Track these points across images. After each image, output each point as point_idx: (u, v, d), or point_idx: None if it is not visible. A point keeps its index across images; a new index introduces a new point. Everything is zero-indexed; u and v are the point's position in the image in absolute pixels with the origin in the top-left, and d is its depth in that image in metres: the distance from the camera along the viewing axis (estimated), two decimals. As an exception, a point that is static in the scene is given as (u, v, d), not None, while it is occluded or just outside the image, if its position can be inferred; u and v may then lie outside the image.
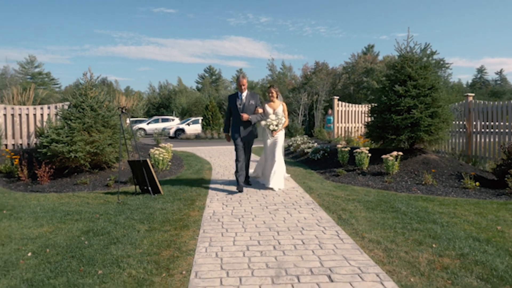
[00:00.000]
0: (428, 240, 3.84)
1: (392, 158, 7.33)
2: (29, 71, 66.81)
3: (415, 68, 8.27)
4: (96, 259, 3.40)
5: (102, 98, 8.34)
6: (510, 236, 3.96)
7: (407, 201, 5.55)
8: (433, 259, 3.35)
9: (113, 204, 5.56)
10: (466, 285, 2.83)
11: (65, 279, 2.99)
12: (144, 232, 4.18)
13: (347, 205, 5.29)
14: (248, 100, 6.30)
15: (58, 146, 7.28)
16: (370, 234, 4.04)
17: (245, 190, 6.30)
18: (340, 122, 14.88)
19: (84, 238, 4.00)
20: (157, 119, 31.74)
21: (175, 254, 3.51)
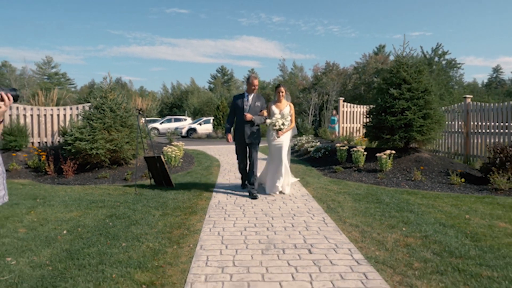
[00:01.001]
0: (400, 225, 4.47)
1: (386, 156, 7.93)
2: (46, 72, 68.41)
3: (409, 72, 8.84)
4: (119, 235, 4.14)
5: (120, 100, 9.14)
6: (474, 223, 4.56)
7: (393, 194, 6.17)
8: (400, 239, 3.99)
9: (131, 195, 6.31)
10: (420, 257, 3.46)
11: (96, 249, 3.73)
12: (158, 216, 4.91)
13: (337, 197, 5.94)
14: (255, 101, 6.08)
15: (82, 144, 8.09)
16: (351, 220, 4.69)
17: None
18: (345, 122, 15.46)
19: (108, 221, 4.75)
20: (170, 119, 32.69)
21: (184, 232, 4.23)
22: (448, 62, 49.47)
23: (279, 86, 6.32)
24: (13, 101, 2.37)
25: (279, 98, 6.27)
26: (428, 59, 50.82)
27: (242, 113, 6.01)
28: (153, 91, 65.70)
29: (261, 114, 6.13)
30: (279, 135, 6.04)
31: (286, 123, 6.02)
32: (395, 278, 3.06)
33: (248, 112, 5.99)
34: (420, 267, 3.25)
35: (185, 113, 44.27)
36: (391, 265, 3.31)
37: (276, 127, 5.99)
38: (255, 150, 6.14)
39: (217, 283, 2.96)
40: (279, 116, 6.06)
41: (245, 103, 6.06)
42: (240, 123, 6.05)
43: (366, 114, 9.60)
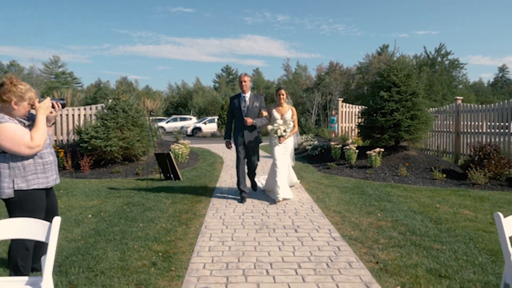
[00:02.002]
0: (376, 211, 5.19)
1: (375, 153, 8.63)
2: (53, 71, 69.23)
3: (399, 76, 9.52)
4: (137, 218, 4.90)
5: (131, 101, 9.92)
6: (441, 211, 5.27)
7: (377, 187, 6.88)
8: (373, 222, 4.71)
9: (143, 187, 7.07)
10: (387, 236, 4.18)
11: (118, 228, 4.48)
12: (169, 204, 5.66)
13: (326, 189, 6.67)
14: (252, 102, 5.75)
15: (97, 142, 8.88)
16: (335, 207, 5.41)
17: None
18: (343, 122, 16.14)
19: (125, 207, 5.51)
20: (175, 118, 33.50)
21: (191, 216, 4.98)
22: (451, 62, 49.86)
23: (279, 89, 6.06)
24: (62, 107, 3.14)
25: (280, 102, 5.99)
26: (431, 59, 51.28)
27: (240, 115, 5.70)
28: (158, 91, 66.65)
29: (261, 115, 5.82)
30: (281, 142, 5.82)
31: (288, 130, 5.77)
32: (362, 250, 3.78)
33: (246, 113, 5.69)
34: (384, 242, 3.97)
35: (190, 113, 45.10)
36: (361, 241, 4.03)
37: (278, 134, 5.75)
38: (256, 152, 5.94)
39: (218, 252, 3.71)
40: (281, 122, 5.79)
41: (242, 105, 5.73)
42: (239, 126, 5.74)
43: (359, 115, 10.29)
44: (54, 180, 3.00)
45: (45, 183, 2.87)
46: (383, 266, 3.36)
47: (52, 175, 2.95)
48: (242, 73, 5.85)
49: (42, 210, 2.84)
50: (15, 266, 2.78)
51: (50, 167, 2.93)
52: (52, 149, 3.07)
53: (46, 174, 2.88)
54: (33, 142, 2.70)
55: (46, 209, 2.92)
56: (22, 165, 2.75)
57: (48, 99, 2.92)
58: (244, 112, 5.72)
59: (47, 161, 2.89)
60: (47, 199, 2.99)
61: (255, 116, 5.76)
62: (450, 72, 50.20)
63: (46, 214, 2.88)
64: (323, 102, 35.40)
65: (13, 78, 2.85)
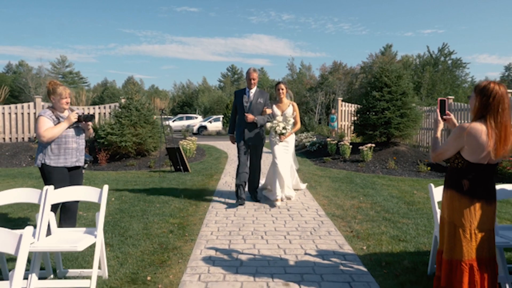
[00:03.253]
0: (359, 196, 6.00)
1: (367, 149, 9.41)
2: (60, 71, 70.25)
3: (391, 77, 10.30)
4: (153, 200, 5.74)
5: (143, 101, 10.78)
6: (417, 196, 6.06)
7: (365, 178, 7.68)
8: (355, 204, 5.52)
9: (156, 177, 7.93)
10: (364, 214, 4.99)
11: (139, 208, 5.33)
12: (180, 190, 6.51)
13: (319, 179, 7.48)
14: (257, 98, 5.45)
15: (113, 137, 9.75)
16: (325, 193, 6.23)
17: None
18: (342, 120, 16.90)
19: (143, 193, 6.36)
20: (181, 117, 34.40)
21: (200, 199, 5.82)
22: (453, 62, 50.28)
23: (279, 83, 5.71)
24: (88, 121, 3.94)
25: (279, 97, 5.68)
26: (434, 58, 51.73)
27: (243, 110, 5.44)
28: (165, 90, 67.61)
29: (264, 113, 5.50)
30: (282, 140, 5.50)
31: (288, 127, 5.44)
32: (341, 223, 4.59)
33: (249, 110, 5.40)
34: (361, 218, 4.78)
35: (196, 112, 46.01)
36: (342, 217, 4.84)
37: (277, 132, 5.42)
38: (258, 154, 5.62)
39: (223, 224, 4.54)
40: (281, 119, 5.46)
41: (245, 100, 5.45)
42: (241, 123, 5.47)
43: (354, 113, 11.08)
44: (74, 162, 3.86)
45: (63, 163, 3.77)
46: (355, 234, 4.17)
47: (71, 158, 3.82)
48: (250, 69, 5.49)
49: (61, 182, 3.68)
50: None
51: (71, 152, 3.79)
52: (80, 140, 3.90)
53: (66, 156, 3.78)
54: (43, 134, 3.61)
55: (72, 184, 3.73)
56: (50, 148, 3.73)
57: (74, 113, 3.77)
58: (246, 108, 5.41)
59: (69, 147, 3.77)
60: (70, 175, 3.85)
61: (258, 113, 5.43)
62: (453, 71, 50.61)
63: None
64: (327, 101, 36.07)
65: (53, 81, 3.81)
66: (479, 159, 2.41)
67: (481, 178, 2.47)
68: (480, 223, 2.46)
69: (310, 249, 3.74)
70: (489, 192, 2.50)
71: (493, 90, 2.39)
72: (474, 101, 2.49)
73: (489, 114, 2.39)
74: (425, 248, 3.75)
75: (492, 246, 2.50)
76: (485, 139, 2.35)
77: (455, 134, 2.46)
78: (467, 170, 2.47)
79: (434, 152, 2.60)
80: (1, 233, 1.98)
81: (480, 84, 2.47)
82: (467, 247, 2.46)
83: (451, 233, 2.53)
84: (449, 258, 2.50)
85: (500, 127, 2.37)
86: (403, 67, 48.42)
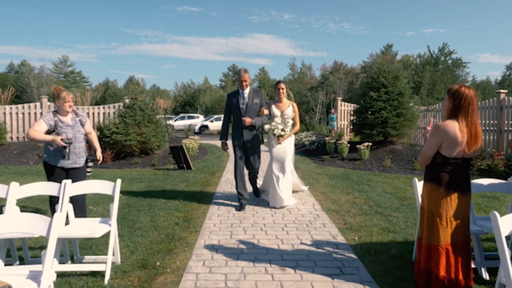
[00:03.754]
0: (355, 192, 6.30)
1: (364, 147, 9.71)
2: (62, 71, 70.39)
3: (388, 78, 10.58)
4: (159, 196, 6.05)
5: (147, 101, 11.09)
6: (409, 192, 6.35)
7: (361, 175, 7.98)
8: (350, 199, 5.82)
9: (160, 175, 8.24)
10: (358, 208, 5.29)
11: (145, 203, 5.64)
12: (183, 187, 6.81)
13: (317, 176, 7.78)
14: (252, 98, 5.24)
15: (118, 137, 10.07)
16: (322, 189, 6.52)
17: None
18: (342, 120, 17.19)
19: (148, 189, 6.67)
20: (183, 117, 34.72)
21: (203, 195, 6.12)
22: (453, 61, 50.52)
23: (279, 82, 5.51)
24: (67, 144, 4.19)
25: (279, 97, 5.47)
26: (435, 58, 51.91)
27: (239, 113, 5.24)
28: (166, 90, 67.90)
29: (262, 113, 5.31)
30: (280, 142, 5.28)
31: (286, 129, 5.25)
32: (336, 217, 4.89)
33: (246, 111, 5.21)
34: (354, 212, 5.08)
35: (197, 111, 46.32)
36: (337, 211, 5.14)
37: (276, 133, 5.25)
38: (257, 155, 5.43)
39: (224, 217, 4.85)
40: (279, 121, 5.27)
41: (240, 102, 5.25)
42: (238, 126, 5.28)
43: (352, 113, 11.36)
44: (70, 164, 4.20)
45: (60, 164, 4.14)
46: (348, 226, 4.47)
47: (67, 160, 4.15)
48: (241, 70, 5.30)
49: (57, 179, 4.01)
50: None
51: (67, 155, 4.10)
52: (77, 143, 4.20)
53: (63, 159, 4.13)
54: (29, 132, 4.00)
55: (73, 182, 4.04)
56: (52, 148, 4.14)
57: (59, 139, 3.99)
58: (243, 110, 5.22)
59: (66, 151, 4.09)
60: (70, 174, 4.18)
61: (255, 114, 5.26)
62: (453, 71, 50.75)
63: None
64: (327, 101, 36.31)
65: (57, 87, 4.20)
66: (454, 154, 2.71)
67: (457, 172, 2.78)
68: (456, 212, 2.76)
69: (306, 239, 4.04)
70: (464, 184, 2.80)
71: (464, 93, 2.70)
72: (447, 102, 2.80)
73: (461, 114, 2.70)
74: (412, 238, 4.04)
75: (466, 233, 2.80)
76: (458, 134, 2.66)
77: (432, 133, 2.77)
78: (444, 165, 2.78)
79: (419, 156, 2.90)
80: (34, 218, 2.29)
81: (452, 88, 2.78)
82: (444, 233, 2.76)
83: (429, 221, 2.84)
84: (428, 243, 2.81)
85: (471, 125, 2.69)
86: (404, 66, 48.71)
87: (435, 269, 2.75)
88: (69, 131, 4.13)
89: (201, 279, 3.09)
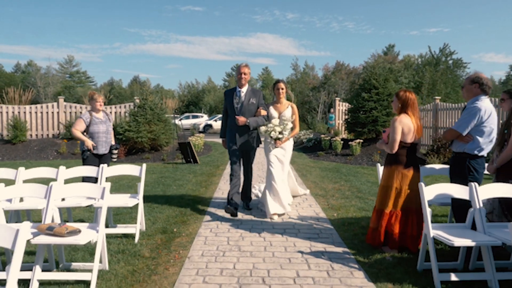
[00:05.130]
0: (341, 181, 7.20)
1: (356, 144, 10.59)
2: (67, 70, 71.16)
3: (379, 80, 11.46)
4: (171, 184, 6.98)
5: (156, 101, 12.04)
6: (390, 181, 7.23)
7: (350, 168, 8.87)
8: (336, 187, 6.72)
9: (170, 168, 9.17)
10: (341, 193, 6.18)
11: (159, 189, 6.57)
12: (191, 177, 7.74)
13: (310, 169, 8.68)
14: (248, 98, 4.93)
15: (130, 134, 11.02)
16: (313, 179, 7.43)
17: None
18: (340, 119, 18.05)
19: (161, 179, 7.60)
20: (188, 116, 35.70)
21: (208, 184, 7.05)
22: (454, 62, 51.17)
23: (278, 82, 5.08)
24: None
25: (278, 98, 5.05)
26: (436, 58, 52.58)
27: (233, 112, 4.95)
28: (171, 89, 68.87)
29: (258, 114, 4.98)
30: (278, 145, 4.91)
31: (285, 132, 4.88)
32: (321, 200, 5.79)
33: (241, 111, 4.90)
34: (338, 196, 5.98)
35: (201, 111, 47.31)
36: (323, 196, 6.05)
37: (273, 136, 4.85)
38: (250, 160, 5.18)
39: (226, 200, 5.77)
40: (277, 122, 4.89)
41: (235, 101, 4.94)
42: (232, 126, 4.99)
43: (346, 112, 12.25)
44: (103, 151, 5.18)
45: (96, 151, 5.09)
46: (330, 206, 5.38)
47: (101, 148, 5.13)
48: (242, 64, 4.98)
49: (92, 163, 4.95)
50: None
51: (101, 143, 5.11)
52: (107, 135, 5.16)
53: (98, 146, 5.09)
54: (72, 130, 5.07)
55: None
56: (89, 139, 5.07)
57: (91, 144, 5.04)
58: (237, 110, 4.91)
59: (98, 140, 5.09)
60: (101, 160, 5.15)
61: (251, 115, 4.94)
62: (453, 71, 51.27)
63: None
64: (329, 101, 37.11)
65: (92, 91, 5.18)
66: (409, 139, 3.62)
67: (410, 154, 3.68)
68: (410, 184, 3.65)
69: (293, 215, 4.95)
70: (415, 163, 3.71)
71: (408, 96, 3.63)
72: (397, 103, 3.72)
73: (409, 110, 3.64)
74: (381, 215, 4.93)
75: (418, 200, 3.68)
76: (411, 124, 3.59)
77: (392, 126, 3.67)
78: (402, 149, 3.68)
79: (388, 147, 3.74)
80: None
81: (399, 92, 3.71)
82: (396, 201, 3.65)
83: (384, 192, 3.74)
84: (379, 208, 3.71)
85: (417, 119, 3.62)
86: (405, 67, 49.36)
87: (389, 229, 3.65)
88: (102, 125, 5.07)
89: (209, 240, 4.01)
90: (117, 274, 3.15)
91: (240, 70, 4.93)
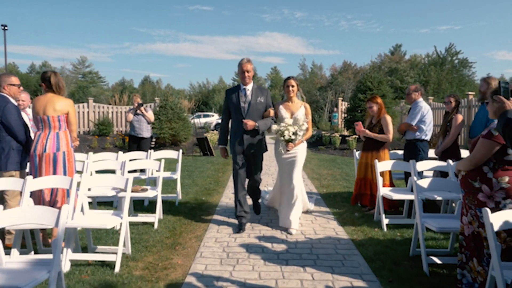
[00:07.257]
0: (335, 169, 8.65)
1: (352, 139, 12.01)
2: (80, 71, 72.50)
3: (373, 82, 12.85)
4: (193, 170, 8.51)
5: (176, 101, 13.61)
6: (375, 169, 8.66)
7: (345, 159, 10.32)
8: (330, 173, 8.17)
9: (190, 159, 10.71)
10: (333, 177, 7.64)
11: (185, 174, 8.09)
12: (210, 166, 9.27)
13: (310, 160, 10.15)
14: (256, 96, 4.40)
15: (154, 130, 12.59)
16: (311, 167, 8.89)
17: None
18: (341, 117, 19.42)
19: (185, 167, 9.12)
20: (199, 115, 37.34)
21: (225, 170, 8.56)
22: (460, 61, 51.92)
23: (288, 79, 4.53)
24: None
25: (288, 96, 4.52)
26: (442, 58, 53.36)
27: (239, 114, 4.37)
28: (182, 89, 70.54)
29: (267, 115, 4.49)
30: (290, 148, 4.38)
31: (300, 133, 4.30)
32: (315, 181, 7.25)
33: (248, 111, 4.35)
34: (330, 178, 7.45)
35: (212, 110, 48.96)
36: (317, 178, 7.51)
37: (285, 137, 4.27)
38: (258, 166, 4.66)
39: (241, 181, 7.29)
40: (290, 122, 4.37)
41: (242, 100, 4.39)
42: (238, 130, 4.41)
43: (345, 111, 13.66)
44: (138, 134, 6.92)
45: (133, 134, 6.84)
46: (322, 185, 6.85)
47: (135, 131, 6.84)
48: (244, 59, 4.37)
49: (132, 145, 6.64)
50: None
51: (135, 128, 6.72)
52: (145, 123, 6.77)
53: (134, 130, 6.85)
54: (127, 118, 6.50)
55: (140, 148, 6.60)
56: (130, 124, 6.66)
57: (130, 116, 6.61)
58: (244, 110, 4.36)
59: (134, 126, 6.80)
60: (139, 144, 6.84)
61: (259, 116, 4.42)
62: (459, 70, 51.94)
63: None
64: (336, 100, 38.29)
65: (135, 94, 6.76)
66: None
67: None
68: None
69: (292, 190, 6.42)
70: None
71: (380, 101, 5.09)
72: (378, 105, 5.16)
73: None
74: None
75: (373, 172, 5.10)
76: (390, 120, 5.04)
77: (384, 122, 5.10)
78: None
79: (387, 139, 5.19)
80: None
81: (377, 97, 5.16)
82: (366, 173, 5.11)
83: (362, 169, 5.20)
84: (359, 177, 5.19)
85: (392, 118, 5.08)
86: (411, 66, 50.30)
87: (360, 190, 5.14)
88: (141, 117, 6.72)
89: (228, 204, 5.52)
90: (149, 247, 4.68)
91: (242, 68, 4.31)
